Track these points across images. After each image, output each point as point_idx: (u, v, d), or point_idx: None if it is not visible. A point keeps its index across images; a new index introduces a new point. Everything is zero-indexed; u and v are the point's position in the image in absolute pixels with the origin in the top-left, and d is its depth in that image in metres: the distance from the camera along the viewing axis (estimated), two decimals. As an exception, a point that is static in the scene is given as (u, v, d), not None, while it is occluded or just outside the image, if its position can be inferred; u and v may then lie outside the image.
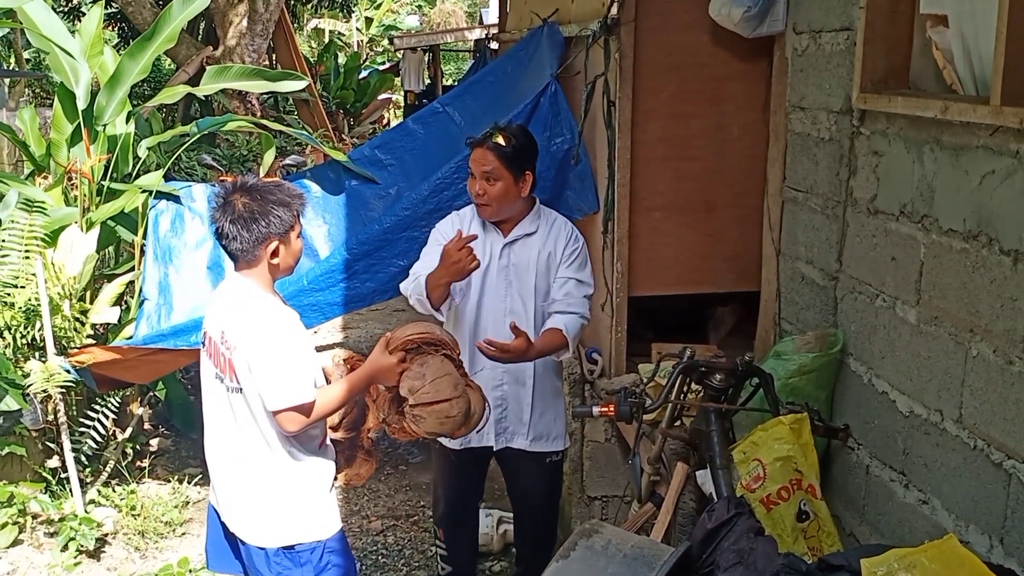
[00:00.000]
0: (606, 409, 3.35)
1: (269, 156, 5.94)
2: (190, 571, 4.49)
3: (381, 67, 24.44)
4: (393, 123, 21.68)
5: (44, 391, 4.72)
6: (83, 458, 5.09)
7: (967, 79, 2.88)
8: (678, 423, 3.52)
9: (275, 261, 2.95)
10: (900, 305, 3.06)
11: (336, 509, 3.17)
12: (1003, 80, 2.46)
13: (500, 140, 3.52)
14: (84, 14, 14.07)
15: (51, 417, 4.98)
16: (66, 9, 13.84)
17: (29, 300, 4.88)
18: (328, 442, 3.16)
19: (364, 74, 21.27)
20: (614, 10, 4.33)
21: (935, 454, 2.89)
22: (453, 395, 3.01)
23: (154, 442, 5.85)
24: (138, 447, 5.63)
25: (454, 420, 3.02)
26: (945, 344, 2.82)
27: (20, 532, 4.81)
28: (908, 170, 2.99)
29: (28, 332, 4.93)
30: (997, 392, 2.58)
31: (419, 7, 33.01)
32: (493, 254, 3.67)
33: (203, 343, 3.10)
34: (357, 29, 27.92)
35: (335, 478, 3.19)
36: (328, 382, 3.19)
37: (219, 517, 3.19)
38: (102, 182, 5.34)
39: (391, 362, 3.02)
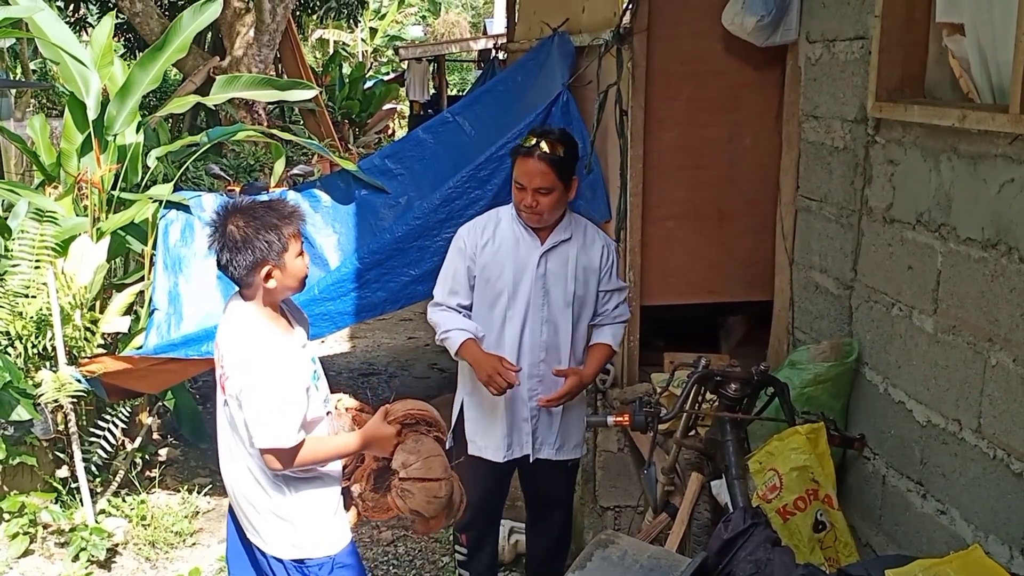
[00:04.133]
0: (621, 419, 3.33)
1: (279, 166, 5.94)
2: (201, 581, 4.49)
3: (386, 77, 24.55)
4: (398, 133, 21.74)
5: (55, 401, 4.72)
6: (93, 468, 5.07)
7: (984, 88, 2.87)
8: (693, 433, 3.50)
9: (270, 285, 2.89)
10: (917, 314, 3.05)
11: (345, 524, 3.15)
12: (1022, 88, 2.46)
13: (547, 148, 3.44)
14: (91, 25, 14.14)
15: (61, 427, 4.97)
16: (72, 20, 13.84)
17: (40, 310, 4.88)
18: (333, 464, 3.14)
19: (369, 84, 21.37)
20: (626, 19, 4.34)
21: (953, 464, 2.88)
22: (443, 476, 3.02)
23: (163, 452, 5.85)
24: (147, 457, 5.62)
25: (439, 502, 3.02)
26: (963, 353, 2.81)
27: (31, 542, 4.80)
28: (925, 179, 2.98)
29: (39, 342, 4.93)
30: (1017, 401, 2.57)
31: (423, 18, 33.08)
32: (530, 263, 3.59)
33: (216, 355, 3.09)
34: (362, 40, 27.99)
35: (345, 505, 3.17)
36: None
37: (235, 524, 3.18)
38: (112, 192, 5.34)
39: (390, 432, 3.02)
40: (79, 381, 4.72)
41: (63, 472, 5.07)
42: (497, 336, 3.64)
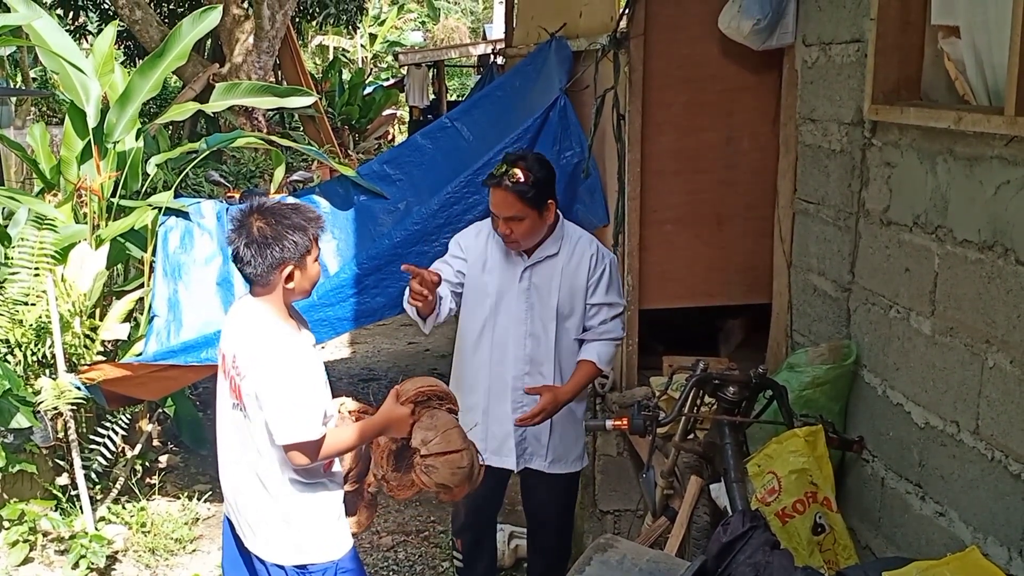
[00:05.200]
0: (619, 423, 3.33)
1: (279, 172, 5.93)
2: (201, 588, 4.49)
3: (385, 83, 24.54)
4: (398, 139, 21.74)
5: (54, 408, 4.72)
6: (93, 475, 5.08)
7: (980, 90, 2.88)
8: (692, 436, 3.50)
9: (290, 286, 2.91)
10: (914, 316, 3.05)
11: (347, 529, 3.16)
12: (1017, 90, 2.46)
13: (517, 177, 3.40)
14: (90, 33, 14.16)
15: (61, 434, 4.98)
16: (72, 28, 13.87)
17: (39, 317, 4.88)
18: (336, 468, 3.14)
19: (369, 90, 21.36)
20: (623, 24, 4.35)
21: (952, 466, 2.88)
22: (463, 446, 3.05)
23: (163, 459, 5.85)
24: (147, 464, 5.62)
25: (464, 471, 3.05)
26: (961, 355, 2.81)
27: (31, 550, 4.80)
28: (921, 181, 2.99)
29: (38, 349, 4.93)
30: (1015, 403, 2.57)
31: (423, 23, 33.11)
32: (513, 276, 3.61)
33: (220, 361, 3.09)
34: (361, 46, 28.03)
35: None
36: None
37: (233, 531, 3.18)
38: (111, 199, 5.34)
39: (404, 413, 3.03)
40: (79, 388, 4.72)
41: (63, 479, 5.07)
42: (480, 345, 3.66)
